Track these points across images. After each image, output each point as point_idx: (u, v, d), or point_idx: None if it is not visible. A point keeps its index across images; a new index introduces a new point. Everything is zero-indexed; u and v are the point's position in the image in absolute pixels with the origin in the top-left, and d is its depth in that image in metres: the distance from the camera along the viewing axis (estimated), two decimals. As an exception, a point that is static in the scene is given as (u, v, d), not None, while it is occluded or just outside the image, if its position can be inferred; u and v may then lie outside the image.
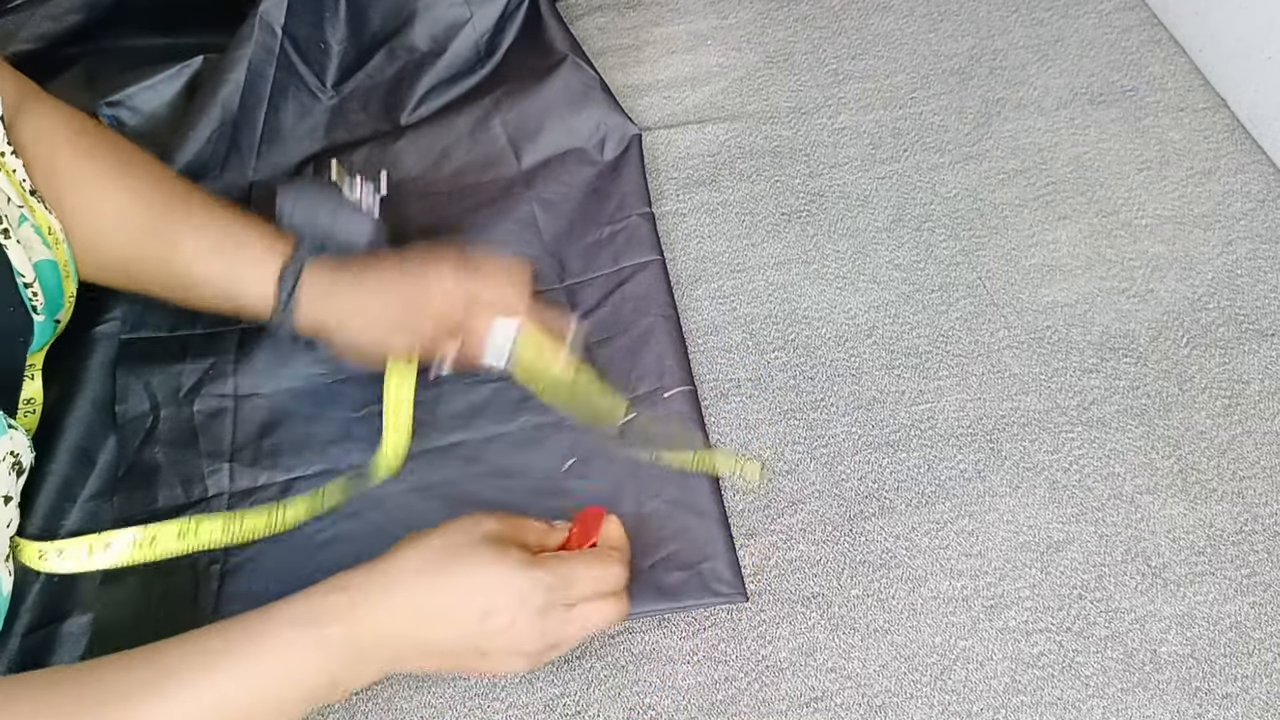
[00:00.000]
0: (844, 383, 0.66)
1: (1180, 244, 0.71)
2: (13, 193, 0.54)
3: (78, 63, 0.82)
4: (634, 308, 0.68)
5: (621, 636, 0.56)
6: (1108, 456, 0.61)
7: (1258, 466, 0.61)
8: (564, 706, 0.54)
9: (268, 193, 0.76)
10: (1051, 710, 0.53)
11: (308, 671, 0.44)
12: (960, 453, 0.62)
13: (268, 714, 0.44)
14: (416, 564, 0.47)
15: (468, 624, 0.46)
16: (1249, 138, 0.77)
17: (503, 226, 0.73)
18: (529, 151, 0.77)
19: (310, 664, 0.44)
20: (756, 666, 0.55)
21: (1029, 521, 0.59)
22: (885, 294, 0.70)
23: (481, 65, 0.82)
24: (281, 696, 0.44)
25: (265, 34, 0.77)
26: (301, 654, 0.44)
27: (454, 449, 0.63)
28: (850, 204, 0.75)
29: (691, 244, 0.73)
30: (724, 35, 0.87)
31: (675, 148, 0.79)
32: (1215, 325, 0.67)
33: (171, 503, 0.61)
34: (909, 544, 0.59)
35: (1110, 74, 0.82)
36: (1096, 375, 0.65)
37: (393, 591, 0.46)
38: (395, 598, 0.46)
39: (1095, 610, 0.56)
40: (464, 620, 0.46)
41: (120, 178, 0.58)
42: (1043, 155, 0.77)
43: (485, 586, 0.46)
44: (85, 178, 0.57)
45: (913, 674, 0.54)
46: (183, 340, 0.68)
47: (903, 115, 0.80)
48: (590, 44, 0.85)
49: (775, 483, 0.61)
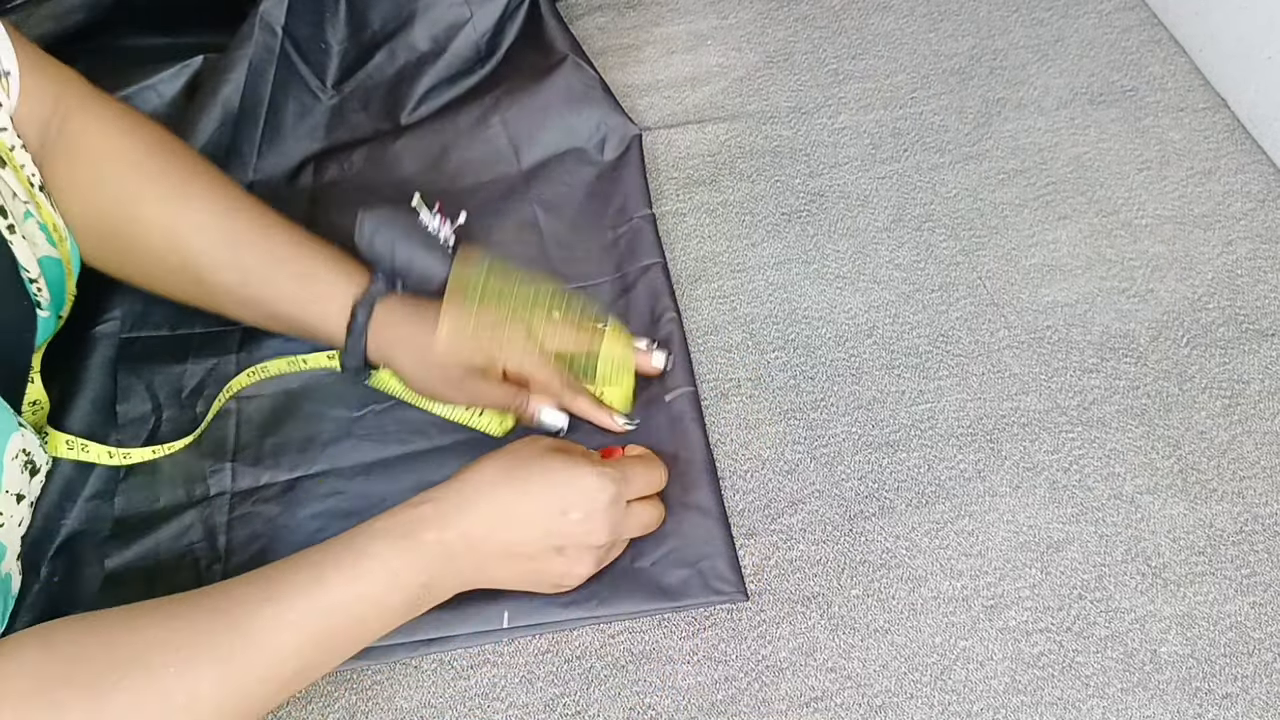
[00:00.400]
0: (844, 383, 0.66)
1: (1180, 244, 0.71)
2: (19, 188, 0.54)
3: (78, 63, 0.81)
4: (637, 313, 0.68)
5: (621, 636, 0.56)
6: (1108, 456, 0.61)
7: (1258, 466, 0.61)
8: (564, 706, 0.54)
9: (267, 191, 0.76)
10: (1051, 710, 0.53)
11: (406, 577, 0.48)
12: (960, 453, 0.62)
13: (372, 619, 0.48)
14: (492, 475, 0.50)
15: (548, 520, 0.50)
16: (1249, 138, 0.77)
17: (503, 228, 0.73)
18: (529, 151, 0.77)
19: (408, 570, 0.48)
20: (756, 666, 0.55)
21: (1029, 521, 0.59)
22: (885, 294, 0.70)
23: (481, 65, 0.82)
24: (384, 603, 0.47)
25: (266, 34, 0.77)
26: (400, 561, 0.47)
27: (458, 447, 0.63)
28: (850, 204, 0.75)
29: (691, 244, 0.73)
30: (724, 35, 0.87)
31: (675, 148, 0.79)
32: (1215, 325, 0.67)
33: (172, 502, 0.61)
34: (909, 544, 0.59)
35: (1110, 74, 0.82)
36: (1096, 375, 0.65)
37: (476, 500, 0.50)
38: (479, 505, 0.49)
39: (1095, 610, 0.56)
40: (544, 517, 0.50)
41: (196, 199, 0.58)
42: (1043, 155, 0.77)
43: (561, 483, 0.50)
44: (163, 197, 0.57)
45: (913, 674, 0.54)
46: (184, 340, 0.68)
47: (903, 115, 0.80)
48: (590, 44, 0.85)
49: (775, 483, 0.61)
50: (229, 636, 0.44)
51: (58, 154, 0.57)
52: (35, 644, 0.42)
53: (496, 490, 0.50)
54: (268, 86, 0.77)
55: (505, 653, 0.56)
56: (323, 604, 0.46)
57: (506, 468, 0.51)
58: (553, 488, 0.50)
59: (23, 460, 0.53)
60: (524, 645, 0.56)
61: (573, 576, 0.53)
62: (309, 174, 0.77)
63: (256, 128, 0.77)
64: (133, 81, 0.79)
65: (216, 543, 0.59)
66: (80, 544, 0.59)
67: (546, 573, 0.52)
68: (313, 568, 0.47)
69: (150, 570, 0.58)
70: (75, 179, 0.57)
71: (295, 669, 0.45)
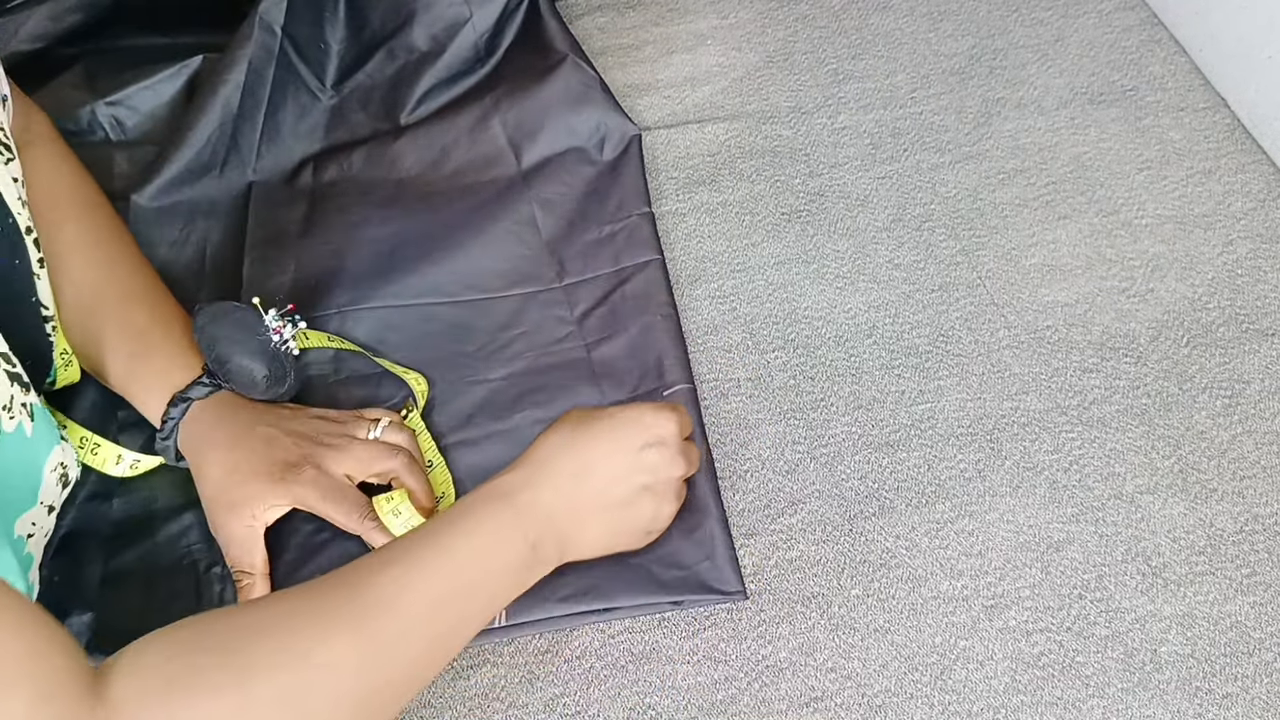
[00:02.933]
0: (844, 383, 0.66)
1: (1180, 244, 0.71)
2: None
3: (78, 63, 0.82)
4: (634, 307, 0.68)
5: (621, 636, 0.56)
6: (1108, 456, 0.61)
7: (1258, 466, 0.61)
8: (564, 706, 0.54)
9: (266, 192, 0.76)
10: (1051, 710, 0.53)
11: (512, 536, 0.49)
12: (960, 453, 0.62)
13: (491, 581, 0.49)
14: (562, 435, 0.53)
15: (627, 459, 0.52)
16: (1249, 137, 0.77)
17: (502, 226, 0.73)
18: (528, 151, 0.77)
19: (511, 529, 0.49)
20: (756, 666, 0.55)
21: (1029, 521, 0.59)
22: (885, 294, 0.70)
23: (481, 65, 0.82)
24: (498, 562, 0.49)
25: (265, 34, 0.77)
26: (503, 520, 0.49)
27: (452, 449, 0.62)
28: (850, 204, 0.75)
29: (691, 244, 0.73)
30: (724, 35, 0.87)
31: (675, 148, 0.79)
32: (1215, 325, 0.67)
33: (172, 503, 0.61)
34: (909, 544, 0.59)
35: (1110, 74, 0.82)
36: (1096, 375, 0.65)
37: (555, 458, 0.52)
38: (559, 462, 0.52)
39: (1095, 610, 0.56)
40: (622, 456, 0.52)
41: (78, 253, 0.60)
42: (1043, 155, 0.77)
43: (628, 422, 0.53)
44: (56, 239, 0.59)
45: (913, 674, 0.54)
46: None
47: (903, 115, 0.80)
48: (590, 44, 0.85)
49: (775, 483, 0.61)
50: (359, 602, 0.45)
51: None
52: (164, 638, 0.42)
53: (571, 446, 0.52)
54: (267, 87, 0.77)
55: (505, 653, 0.56)
56: (442, 566, 0.47)
57: (572, 425, 0.53)
58: (622, 427, 0.53)
59: (60, 473, 0.54)
60: (524, 645, 0.56)
61: (661, 518, 0.55)
62: (308, 174, 0.77)
63: (255, 128, 0.77)
64: (132, 81, 0.79)
65: (215, 544, 0.59)
66: (79, 545, 0.59)
67: (638, 518, 0.54)
68: (427, 535, 0.48)
69: (149, 571, 0.58)
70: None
71: (428, 635, 0.46)
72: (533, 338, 0.67)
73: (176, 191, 0.75)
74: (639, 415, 0.54)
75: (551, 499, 0.51)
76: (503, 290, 0.70)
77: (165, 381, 0.58)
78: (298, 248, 0.72)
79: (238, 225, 0.74)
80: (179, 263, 0.72)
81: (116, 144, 0.79)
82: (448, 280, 0.70)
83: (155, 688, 0.39)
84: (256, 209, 0.75)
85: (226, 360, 0.58)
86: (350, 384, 0.65)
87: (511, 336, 0.67)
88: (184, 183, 0.75)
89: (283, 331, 0.60)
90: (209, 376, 0.58)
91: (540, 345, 0.67)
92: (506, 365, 0.66)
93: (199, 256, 0.73)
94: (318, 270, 0.71)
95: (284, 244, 0.73)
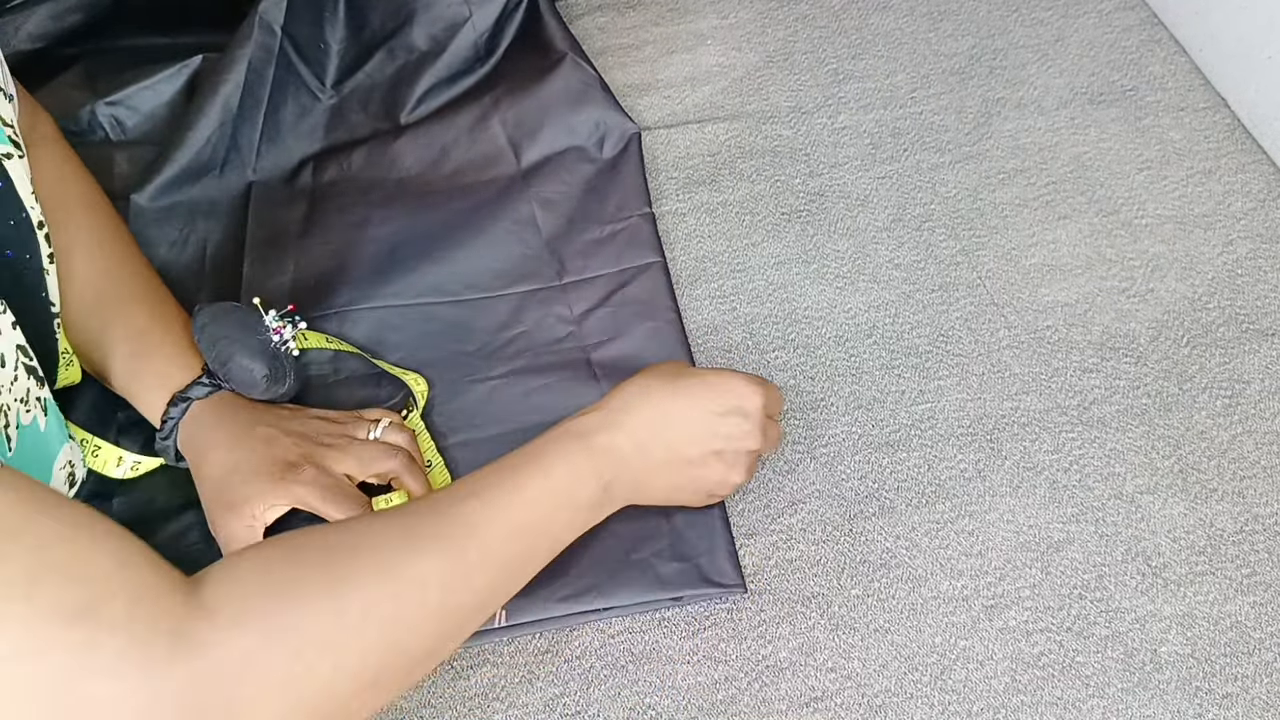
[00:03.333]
0: (844, 382, 0.66)
1: (1180, 244, 0.71)
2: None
3: (78, 62, 0.82)
4: (636, 311, 0.68)
5: (621, 636, 0.56)
6: (1108, 456, 0.61)
7: (1258, 466, 0.61)
8: (564, 706, 0.54)
9: (266, 192, 0.76)
10: (1051, 710, 0.53)
11: (587, 473, 0.51)
12: (960, 453, 0.62)
13: (565, 513, 0.51)
14: (650, 382, 0.54)
15: (706, 421, 0.53)
16: (1249, 137, 0.77)
17: (502, 225, 0.73)
18: (528, 150, 0.77)
19: (587, 467, 0.51)
20: (756, 666, 0.55)
21: (1029, 521, 0.59)
22: (885, 294, 0.70)
23: (481, 64, 0.82)
24: (572, 497, 0.51)
25: (265, 34, 0.77)
26: (580, 459, 0.51)
27: (452, 449, 0.62)
28: (850, 204, 0.75)
29: (691, 244, 0.73)
30: (724, 35, 0.87)
31: (675, 147, 0.79)
32: (1215, 325, 0.67)
33: (172, 503, 0.61)
34: (909, 544, 0.59)
35: (1110, 74, 0.82)
36: (1096, 375, 0.65)
37: (639, 405, 0.53)
38: (641, 410, 0.53)
39: (1095, 610, 0.56)
40: (702, 417, 0.53)
41: (81, 252, 0.60)
42: (1043, 155, 0.77)
43: (715, 384, 0.54)
44: (59, 239, 0.58)
45: (913, 674, 0.54)
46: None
47: (903, 115, 0.80)
48: (590, 43, 0.85)
49: (775, 483, 0.61)
50: (445, 524, 0.46)
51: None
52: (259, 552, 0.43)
53: (656, 395, 0.53)
54: (267, 87, 0.77)
55: (505, 653, 0.56)
56: (521, 497, 0.49)
57: (663, 376, 0.54)
58: (709, 388, 0.54)
59: (67, 471, 0.54)
60: (524, 645, 0.56)
61: (728, 485, 0.55)
62: (308, 174, 0.77)
63: (255, 128, 0.77)
64: (132, 81, 0.79)
65: (215, 544, 0.59)
66: (79, 544, 0.59)
67: (704, 479, 0.55)
68: (508, 469, 0.50)
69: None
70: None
71: (506, 557, 0.48)
72: (533, 337, 0.67)
73: (176, 191, 0.75)
74: (728, 381, 0.54)
75: (626, 443, 0.52)
76: (503, 289, 0.70)
77: (165, 381, 0.58)
78: (297, 248, 0.73)
79: (238, 225, 0.74)
80: (179, 263, 0.72)
81: (116, 144, 0.79)
82: (448, 280, 0.70)
83: (254, 592, 0.39)
84: (256, 209, 0.75)
85: (227, 360, 0.58)
86: (350, 384, 0.65)
87: (511, 335, 0.67)
88: (184, 183, 0.75)
89: (283, 332, 0.61)
90: (209, 376, 0.59)
91: (540, 344, 0.67)
92: (507, 364, 0.66)
93: (199, 256, 0.73)
94: (317, 270, 0.71)
95: (284, 244, 0.73)
